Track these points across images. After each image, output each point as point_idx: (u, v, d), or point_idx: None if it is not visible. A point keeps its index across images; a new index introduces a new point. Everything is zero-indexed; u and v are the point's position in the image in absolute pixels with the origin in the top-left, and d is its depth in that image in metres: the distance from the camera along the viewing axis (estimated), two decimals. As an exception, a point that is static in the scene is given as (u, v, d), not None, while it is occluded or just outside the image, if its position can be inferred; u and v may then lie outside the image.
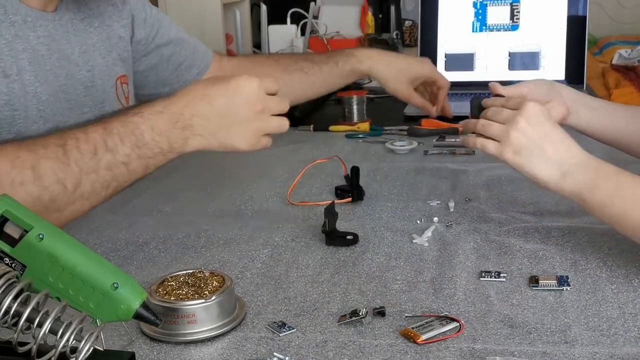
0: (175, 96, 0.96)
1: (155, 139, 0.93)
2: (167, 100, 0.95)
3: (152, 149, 0.93)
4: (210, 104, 0.95)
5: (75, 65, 1.10)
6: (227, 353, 0.72)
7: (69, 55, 1.09)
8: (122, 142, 0.91)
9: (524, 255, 0.91)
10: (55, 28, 1.07)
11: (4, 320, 0.60)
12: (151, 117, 0.93)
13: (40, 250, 0.63)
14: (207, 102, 0.95)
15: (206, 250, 0.97)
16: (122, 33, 1.23)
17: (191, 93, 0.95)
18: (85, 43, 1.14)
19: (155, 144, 0.93)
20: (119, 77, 1.21)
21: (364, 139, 1.53)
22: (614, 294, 0.80)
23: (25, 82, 1.00)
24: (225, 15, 2.56)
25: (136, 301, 0.64)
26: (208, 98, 0.95)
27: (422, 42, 1.91)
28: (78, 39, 1.12)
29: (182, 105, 0.94)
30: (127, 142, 0.92)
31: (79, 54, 1.12)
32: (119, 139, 0.91)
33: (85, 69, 1.12)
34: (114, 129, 0.92)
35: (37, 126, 1.02)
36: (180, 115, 0.94)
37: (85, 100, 1.12)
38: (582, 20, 1.82)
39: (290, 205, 1.13)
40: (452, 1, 1.88)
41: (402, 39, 3.10)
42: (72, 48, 1.10)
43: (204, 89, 0.96)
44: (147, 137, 0.93)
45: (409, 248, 0.95)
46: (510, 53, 1.85)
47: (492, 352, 0.70)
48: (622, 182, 0.85)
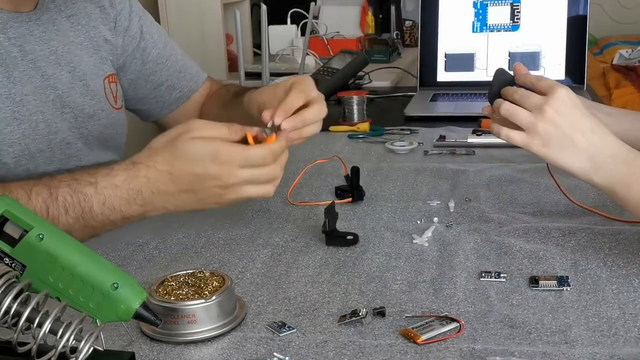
0: (136, 167, 0.88)
1: (105, 212, 0.87)
2: (127, 171, 0.88)
3: (100, 221, 0.88)
4: (173, 182, 0.87)
5: (56, 65, 1.08)
6: (227, 353, 0.72)
7: (48, 55, 1.07)
8: (66, 212, 0.86)
9: (524, 256, 0.91)
10: (29, 28, 1.05)
11: (3, 320, 0.60)
12: (106, 191, 0.87)
13: (40, 250, 0.63)
14: (171, 180, 0.87)
15: (206, 251, 0.97)
16: (109, 36, 1.19)
17: (155, 166, 0.88)
18: (70, 42, 1.11)
19: (105, 217, 0.88)
20: (107, 76, 1.18)
21: (364, 139, 1.53)
22: (614, 294, 0.80)
23: None
24: (225, 15, 2.56)
25: (136, 301, 0.64)
26: (171, 176, 0.87)
27: (422, 42, 1.91)
28: (61, 37, 1.09)
29: (143, 182, 0.87)
30: (72, 213, 0.86)
31: (62, 52, 1.09)
32: (64, 209, 0.86)
33: (67, 69, 1.09)
34: (59, 196, 0.87)
35: (11, 128, 1.00)
36: (138, 192, 0.87)
37: (68, 101, 1.09)
38: (583, 20, 1.82)
39: (291, 205, 1.13)
40: (453, 1, 1.88)
41: (402, 39, 3.10)
42: (53, 47, 1.08)
43: (169, 164, 0.87)
44: (96, 211, 0.87)
45: (409, 248, 0.95)
46: (510, 53, 1.85)
47: (492, 352, 0.70)
48: None
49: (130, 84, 1.26)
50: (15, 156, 1.02)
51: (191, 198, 0.89)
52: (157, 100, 1.30)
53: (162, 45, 1.29)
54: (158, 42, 1.28)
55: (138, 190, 0.88)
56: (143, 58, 1.26)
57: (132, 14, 1.24)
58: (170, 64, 1.30)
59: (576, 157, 0.85)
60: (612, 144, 0.85)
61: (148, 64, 1.27)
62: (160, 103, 1.31)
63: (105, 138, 1.17)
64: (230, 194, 0.89)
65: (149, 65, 1.27)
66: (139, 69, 1.26)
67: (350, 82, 2.04)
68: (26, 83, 1.03)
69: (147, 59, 1.26)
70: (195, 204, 0.90)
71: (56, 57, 1.08)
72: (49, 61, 1.07)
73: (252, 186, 0.89)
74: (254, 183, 0.89)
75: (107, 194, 0.88)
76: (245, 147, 0.88)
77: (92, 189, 0.88)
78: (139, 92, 1.28)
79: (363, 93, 1.69)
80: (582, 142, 0.84)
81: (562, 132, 0.85)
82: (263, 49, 1.95)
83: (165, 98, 1.30)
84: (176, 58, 1.31)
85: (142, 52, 1.26)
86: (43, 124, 1.05)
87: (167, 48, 1.30)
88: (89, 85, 1.13)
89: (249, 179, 0.88)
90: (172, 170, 0.87)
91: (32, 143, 1.03)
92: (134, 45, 1.24)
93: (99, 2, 1.18)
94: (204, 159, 0.87)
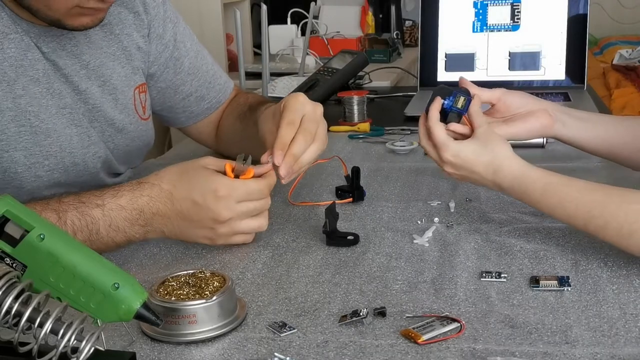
0: (141, 186, 0.93)
1: (110, 234, 0.91)
2: (132, 192, 0.92)
3: (105, 243, 0.91)
4: (172, 204, 0.92)
5: (87, 79, 1.06)
6: (227, 353, 0.72)
7: (79, 69, 1.05)
8: (74, 235, 0.88)
9: (525, 256, 0.91)
10: (61, 43, 1.03)
11: (5, 320, 0.60)
12: (112, 213, 0.91)
13: (41, 250, 0.63)
14: (170, 201, 0.92)
15: (207, 251, 0.97)
16: (142, 44, 1.16)
17: (160, 184, 0.93)
18: (102, 53, 1.09)
19: (110, 238, 0.91)
20: (138, 86, 1.15)
21: (364, 139, 1.53)
22: (615, 294, 0.80)
23: (29, 97, 0.99)
24: (225, 15, 2.56)
25: (137, 301, 0.64)
26: (172, 198, 0.92)
27: (423, 42, 1.91)
28: (93, 50, 1.07)
29: (146, 200, 0.92)
30: (79, 236, 0.89)
31: (93, 67, 1.07)
32: (72, 232, 0.88)
33: (97, 83, 1.08)
34: (68, 220, 0.89)
35: (50, 140, 1.01)
36: (141, 212, 0.91)
37: (98, 115, 1.08)
38: (583, 20, 1.82)
39: (291, 205, 1.13)
40: (453, 1, 1.88)
41: (402, 39, 3.10)
42: (84, 61, 1.06)
43: (172, 185, 0.92)
44: (102, 233, 0.90)
45: (409, 248, 0.95)
46: (510, 53, 1.85)
47: (493, 352, 0.70)
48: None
49: (159, 91, 1.23)
50: (49, 169, 1.02)
51: (186, 226, 0.93)
52: (184, 110, 1.28)
53: (194, 55, 1.25)
54: (190, 50, 1.25)
55: (140, 210, 0.92)
56: (175, 68, 1.23)
57: (166, 20, 1.20)
58: (201, 74, 1.26)
59: (482, 184, 0.98)
60: (508, 172, 0.95)
61: (180, 74, 1.23)
62: (187, 113, 1.28)
63: (130, 150, 1.16)
64: (224, 228, 0.93)
65: (180, 75, 1.23)
66: (170, 78, 1.23)
67: (351, 82, 2.04)
68: (61, 97, 1.03)
69: (179, 69, 1.23)
70: (188, 232, 0.94)
71: (87, 71, 1.07)
72: (80, 76, 1.06)
73: (245, 221, 0.94)
74: (248, 217, 0.94)
75: (113, 216, 0.91)
76: (245, 182, 0.93)
77: (99, 212, 0.91)
78: (167, 100, 1.25)
79: (363, 93, 1.69)
80: (480, 179, 0.97)
81: (464, 177, 0.99)
82: (263, 48, 1.95)
83: (193, 108, 1.28)
84: (207, 68, 1.28)
85: (174, 62, 1.22)
86: (77, 138, 1.05)
87: (199, 57, 1.27)
88: (118, 99, 1.11)
89: (244, 213, 0.93)
90: (173, 191, 0.92)
91: (67, 157, 1.04)
92: (167, 54, 1.21)
93: (134, 7, 1.14)
94: (205, 190, 0.91)
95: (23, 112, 0.99)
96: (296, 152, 0.95)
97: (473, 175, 0.97)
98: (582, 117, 1.08)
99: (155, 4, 1.18)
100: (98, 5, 0.95)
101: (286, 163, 0.93)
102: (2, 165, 0.98)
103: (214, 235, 0.94)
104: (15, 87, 0.98)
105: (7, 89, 0.97)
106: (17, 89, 0.98)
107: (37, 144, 1.00)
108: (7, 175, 0.99)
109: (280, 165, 0.93)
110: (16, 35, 0.98)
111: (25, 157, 1.00)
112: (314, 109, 0.99)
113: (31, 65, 0.99)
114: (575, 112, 1.09)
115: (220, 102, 1.31)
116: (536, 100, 1.08)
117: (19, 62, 0.98)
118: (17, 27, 0.98)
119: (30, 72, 0.99)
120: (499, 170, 0.94)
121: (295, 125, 0.96)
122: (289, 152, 0.94)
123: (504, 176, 0.94)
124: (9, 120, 0.98)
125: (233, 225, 0.93)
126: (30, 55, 0.99)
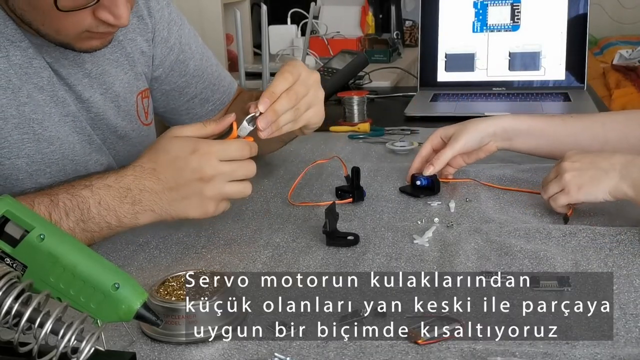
0: (128, 167, 0.94)
1: (101, 213, 0.91)
2: (118, 172, 0.94)
3: (98, 224, 0.91)
4: (157, 178, 0.93)
5: (89, 88, 1.07)
6: (227, 353, 0.72)
7: (81, 78, 1.05)
8: (67, 216, 0.90)
9: (525, 256, 0.91)
10: (63, 52, 1.02)
11: (5, 320, 0.60)
12: (100, 191, 0.92)
13: (41, 250, 0.64)
14: (155, 176, 0.93)
15: (207, 251, 0.97)
16: (145, 48, 1.15)
17: (141, 165, 0.94)
18: (104, 60, 1.09)
19: (102, 218, 0.91)
20: (140, 92, 1.16)
21: (364, 140, 1.53)
22: (615, 294, 0.80)
23: (34, 105, 0.99)
24: (225, 15, 2.56)
25: (137, 301, 0.64)
26: (155, 172, 0.93)
27: (423, 42, 1.91)
28: (95, 57, 1.07)
29: (131, 179, 0.92)
30: (72, 217, 0.90)
31: (95, 75, 1.07)
32: (65, 212, 0.90)
33: (100, 91, 1.08)
34: (60, 202, 0.90)
35: (52, 148, 1.01)
36: (128, 190, 0.92)
37: (100, 124, 1.09)
38: (583, 20, 1.82)
39: (291, 205, 1.13)
40: (453, 1, 1.88)
41: (402, 39, 3.10)
42: (86, 69, 1.06)
43: (153, 161, 0.93)
44: (93, 212, 0.91)
45: (409, 248, 0.95)
46: (510, 53, 1.85)
47: (493, 352, 0.70)
48: None
49: (163, 94, 1.23)
50: (51, 177, 1.02)
51: (174, 197, 0.93)
52: (188, 112, 1.28)
53: (199, 57, 1.25)
54: (195, 53, 1.25)
55: (127, 188, 0.92)
56: (181, 71, 1.23)
57: (170, 23, 1.20)
58: (206, 76, 1.26)
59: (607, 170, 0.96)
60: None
61: (185, 76, 1.23)
62: (191, 115, 1.28)
63: (132, 156, 1.15)
64: (211, 189, 0.93)
65: (185, 78, 1.23)
66: (175, 81, 1.23)
67: (351, 82, 2.04)
68: (65, 105, 1.03)
69: (184, 71, 1.23)
70: (177, 205, 0.94)
71: (89, 79, 1.07)
72: (83, 84, 1.06)
73: (230, 183, 0.94)
74: (233, 179, 0.94)
75: (101, 194, 0.92)
76: (223, 141, 0.94)
77: (88, 191, 0.92)
78: (171, 103, 1.25)
79: (363, 93, 1.69)
80: (604, 164, 0.96)
81: (585, 171, 0.98)
82: (263, 49, 1.95)
83: (197, 110, 1.28)
84: (211, 70, 1.28)
85: (180, 65, 1.22)
86: (79, 145, 1.05)
87: (204, 59, 1.27)
88: (121, 106, 1.12)
89: (227, 173, 0.93)
90: (156, 167, 0.93)
91: (69, 164, 1.04)
92: (172, 57, 1.20)
93: (137, 11, 1.14)
94: (184, 153, 0.92)
95: (27, 119, 0.99)
96: (278, 108, 0.95)
97: (598, 158, 0.97)
98: (525, 130, 1.17)
99: (159, 7, 1.18)
100: (108, 30, 0.95)
101: (265, 116, 0.94)
102: (3, 172, 0.99)
103: (203, 202, 0.93)
104: (19, 95, 0.98)
105: (11, 96, 0.97)
106: (22, 97, 0.98)
107: (39, 152, 1.01)
108: (9, 182, 0.99)
109: (262, 115, 0.94)
110: (22, 44, 0.98)
111: (27, 164, 1.00)
112: (308, 75, 1.01)
113: (36, 73, 1.00)
114: (520, 124, 1.17)
115: (224, 103, 1.31)
116: (482, 138, 1.17)
117: (24, 69, 0.98)
118: (23, 36, 0.98)
119: (34, 80, 0.99)
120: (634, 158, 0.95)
121: (288, 82, 0.97)
122: (271, 107, 0.94)
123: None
124: (12, 128, 0.98)
125: (219, 187, 0.93)
126: (36, 63, 0.99)
